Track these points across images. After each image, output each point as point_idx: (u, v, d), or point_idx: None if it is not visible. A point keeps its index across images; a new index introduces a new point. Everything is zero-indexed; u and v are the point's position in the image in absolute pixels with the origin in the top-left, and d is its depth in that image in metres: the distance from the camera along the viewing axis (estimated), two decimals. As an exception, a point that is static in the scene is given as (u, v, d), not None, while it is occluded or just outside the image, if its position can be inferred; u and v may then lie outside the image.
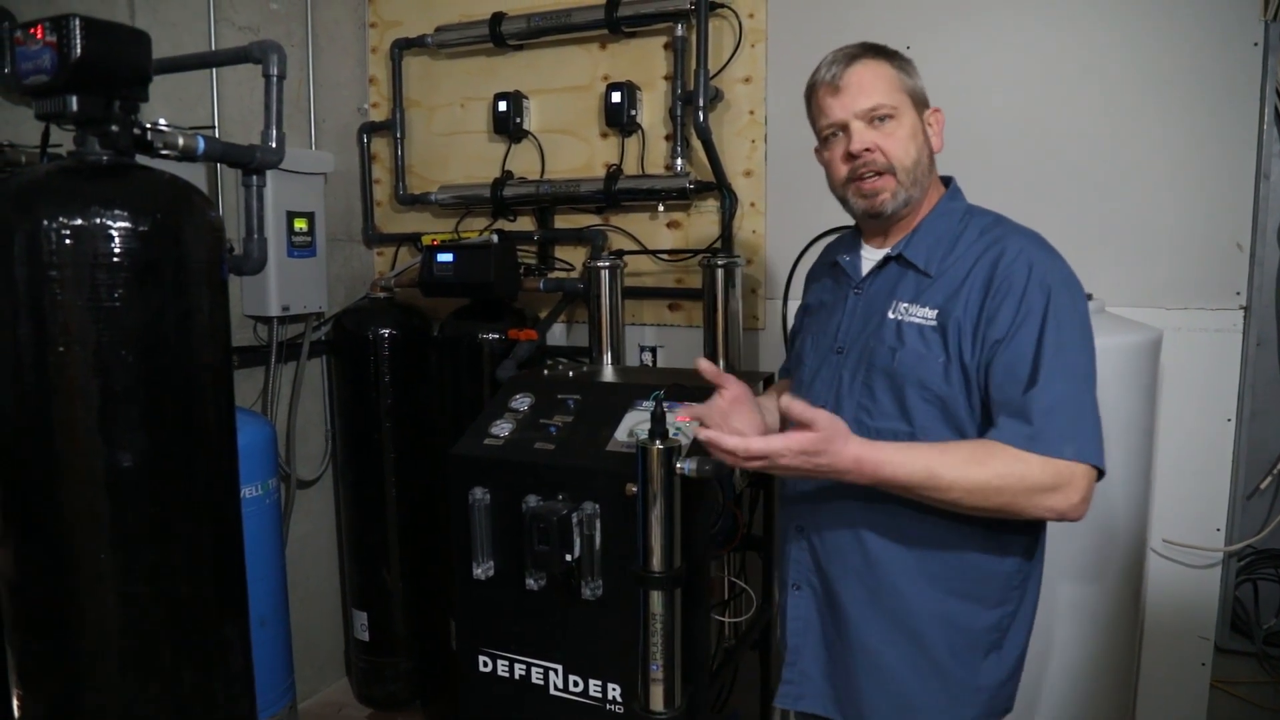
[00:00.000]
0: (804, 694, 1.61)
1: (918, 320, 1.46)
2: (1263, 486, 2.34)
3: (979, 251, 1.46)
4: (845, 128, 1.50)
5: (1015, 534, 1.47)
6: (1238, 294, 2.24)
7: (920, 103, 1.53)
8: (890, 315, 1.49)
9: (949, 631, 1.47)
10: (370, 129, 3.34)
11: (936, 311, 1.45)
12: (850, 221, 1.69)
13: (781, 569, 1.68)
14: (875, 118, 1.48)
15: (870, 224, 1.59)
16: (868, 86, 1.47)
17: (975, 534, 1.45)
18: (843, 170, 1.53)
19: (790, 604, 1.62)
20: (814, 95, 1.54)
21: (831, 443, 1.32)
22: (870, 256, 1.60)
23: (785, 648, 1.63)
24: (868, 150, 1.48)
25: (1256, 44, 2.17)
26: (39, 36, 1.49)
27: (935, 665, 1.48)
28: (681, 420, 1.85)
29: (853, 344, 1.54)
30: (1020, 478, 1.32)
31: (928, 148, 1.53)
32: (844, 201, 1.58)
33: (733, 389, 1.60)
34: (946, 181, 1.61)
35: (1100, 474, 1.36)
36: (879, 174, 1.49)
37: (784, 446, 1.33)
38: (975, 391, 1.42)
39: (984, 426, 1.42)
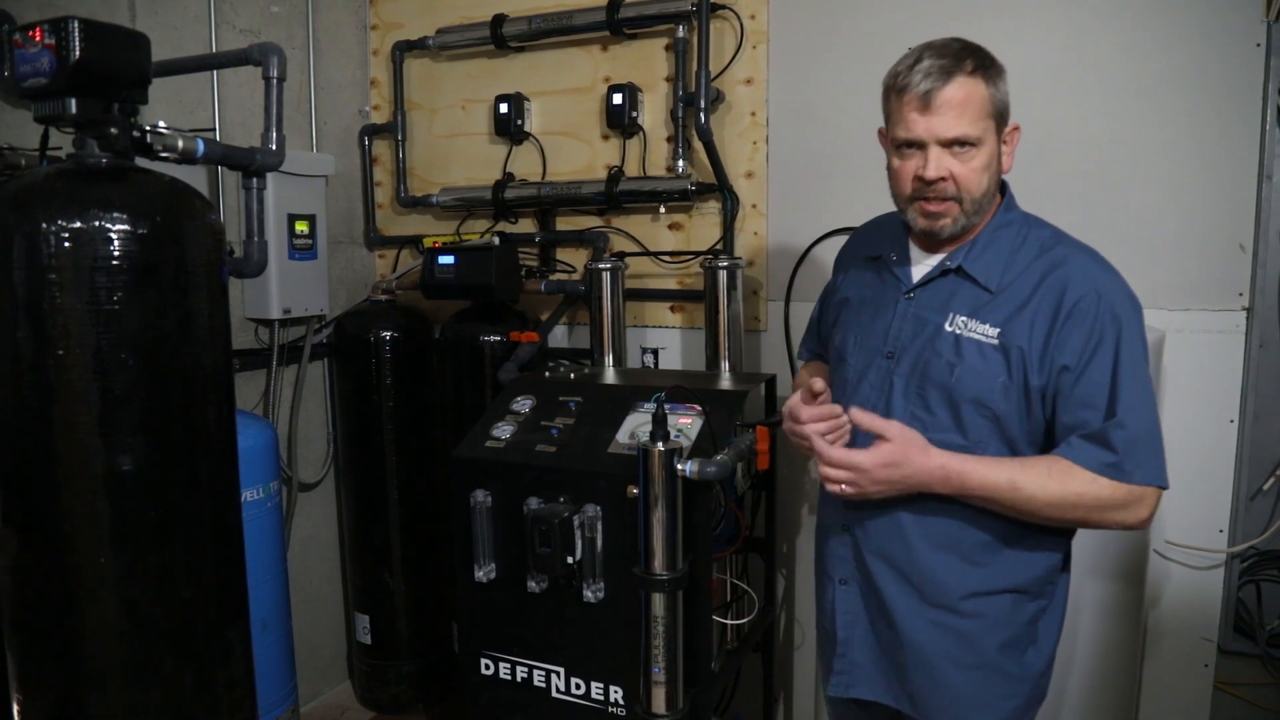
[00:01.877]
0: (854, 682, 1.64)
1: (978, 337, 1.46)
2: (1265, 488, 2.33)
3: (1042, 271, 1.46)
4: (922, 146, 1.45)
5: (1051, 533, 1.51)
6: (1240, 295, 2.24)
7: (1003, 121, 1.48)
8: (947, 328, 1.48)
9: (995, 627, 1.51)
10: (371, 131, 3.33)
11: (999, 331, 1.45)
12: (856, 221, 1.67)
13: (822, 562, 1.70)
14: (956, 144, 1.43)
15: (926, 238, 1.56)
16: (957, 113, 1.41)
17: (1018, 531, 1.49)
18: (909, 187, 1.48)
19: (839, 598, 1.64)
20: (898, 98, 1.46)
21: (910, 453, 1.39)
22: (921, 260, 1.57)
23: (834, 640, 1.65)
24: (942, 179, 1.44)
25: (1259, 45, 2.17)
26: (37, 39, 1.49)
27: (983, 660, 1.52)
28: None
29: (904, 351, 1.53)
30: (1095, 498, 1.39)
31: (998, 172, 1.49)
32: (901, 210, 1.54)
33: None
34: (1002, 187, 1.57)
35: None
36: (945, 200, 1.46)
37: (869, 460, 1.40)
38: (1035, 412, 1.45)
39: (1045, 445, 1.47)
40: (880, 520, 1.55)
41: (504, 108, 2.99)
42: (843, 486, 1.44)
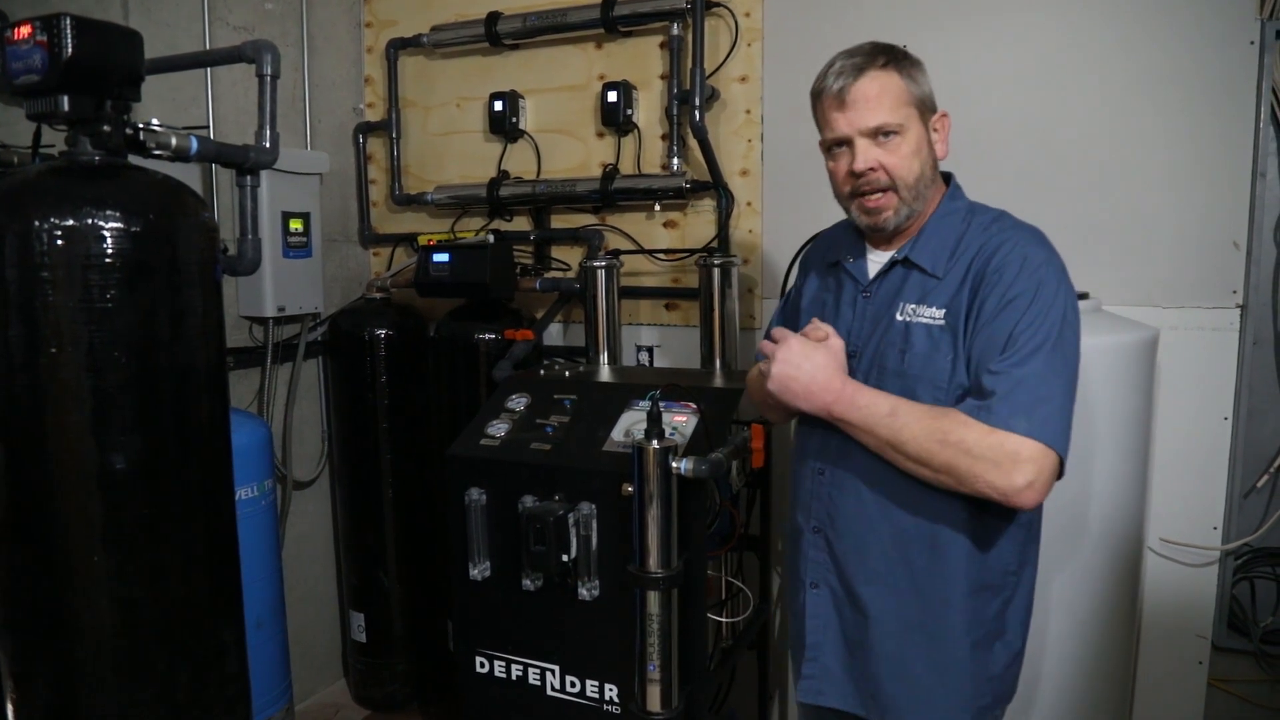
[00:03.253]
0: (824, 690, 1.63)
1: (925, 320, 1.48)
2: (1259, 485, 2.34)
3: (979, 246, 1.48)
4: (849, 143, 1.49)
5: (1012, 520, 1.50)
6: (1234, 292, 2.24)
7: (927, 110, 1.52)
8: (898, 317, 1.51)
9: (968, 624, 1.50)
10: (366, 129, 3.33)
11: (944, 311, 1.47)
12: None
13: (794, 567, 1.69)
14: (880, 134, 1.47)
15: (874, 234, 1.60)
16: (874, 103, 1.46)
17: (988, 528, 1.48)
18: (846, 186, 1.54)
19: (809, 602, 1.63)
20: (819, 102, 1.53)
21: (829, 359, 1.48)
22: (876, 260, 1.60)
23: (803, 644, 1.64)
24: (871, 169, 1.48)
25: (1253, 42, 2.17)
26: (29, 36, 1.49)
27: (955, 659, 1.51)
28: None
29: (864, 347, 1.55)
30: (961, 440, 1.35)
31: (931, 158, 1.52)
32: (846, 210, 1.59)
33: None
34: (946, 178, 1.60)
35: (1061, 462, 1.37)
36: (882, 191, 1.49)
37: (794, 337, 1.51)
38: None
39: None
40: (852, 518, 1.55)
41: (499, 105, 2.99)
42: (761, 366, 1.56)
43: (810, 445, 1.62)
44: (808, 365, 1.47)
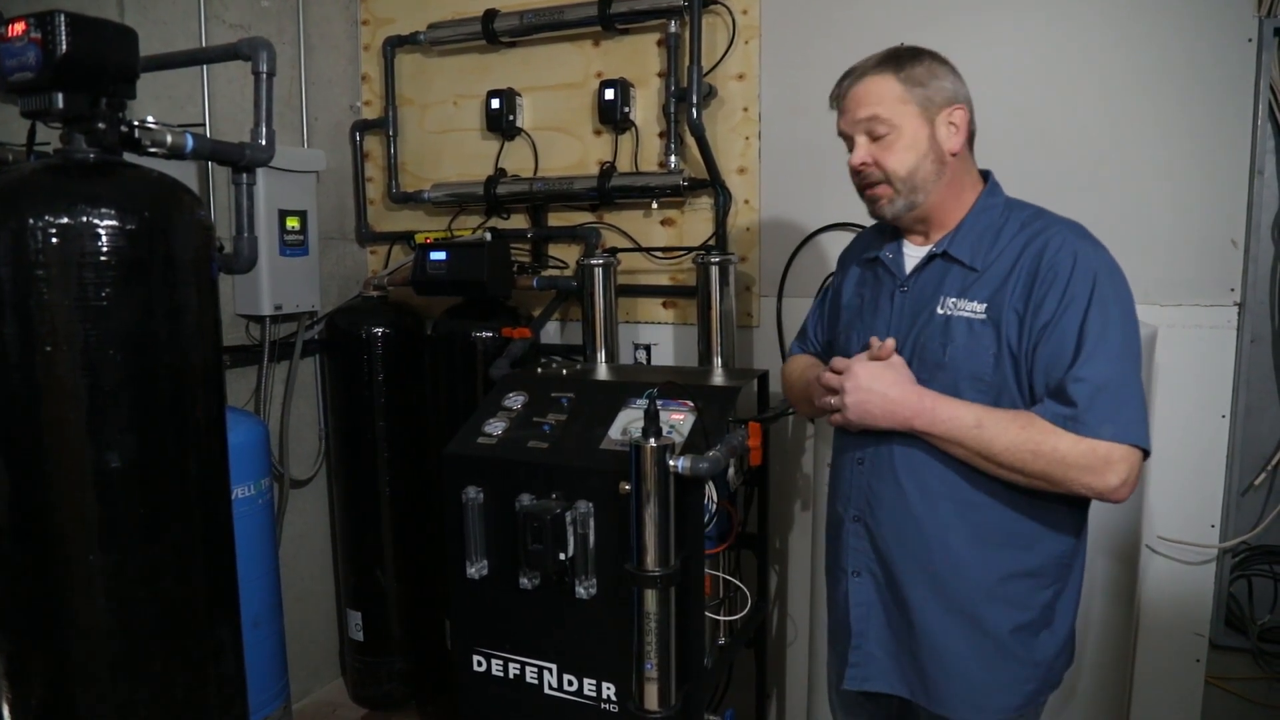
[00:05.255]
0: (870, 675, 1.65)
1: (967, 314, 1.51)
2: (1257, 483, 2.34)
3: (1024, 243, 1.50)
4: (852, 140, 1.58)
5: (1067, 514, 1.53)
6: (1232, 290, 2.24)
7: (932, 106, 1.54)
8: (939, 311, 1.54)
9: (1010, 611, 1.52)
10: (363, 127, 3.32)
11: (985, 305, 1.49)
12: (849, 216, 1.70)
13: (835, 557, 1.71)
14: (872, 132, 1.54)
15: (899, 223, 1.63)
16: (863, 104, 1.54)
17: (1033, 514, 1.51)
18: (853, 180, 1.62)
19: (853, 590, 1.65)
20: (834, 109, 1.63)
21: (899, 376, 1.50)
22: (913, 254, 1.64)
23: (848, 632, 1.66)
24: (864, 164, 1.56)
25: (1251, 40, 2.17)
26: (23, 33, 1.48)
27: (999, 646, 1.53)
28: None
29: (903, 341, 1.58)
30: (1054, 450, 1.39)
31: (933, 153, 1.54)
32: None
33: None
34: (985, 176, 1.64)
35: (1145, 454, 1.41)
36: (877, 184, 1.57)
37: (859, 365, 1.53)
38: (1025, 378, 1.47)
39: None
40: (891, 506, 1.58)
41: (496, 103, 2.99)
42: (831, 399, 1.58)
43: (849, 436, 1.65)
44: (879, 387, 1.51)
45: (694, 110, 2.61)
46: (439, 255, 2.79)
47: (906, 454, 1.54)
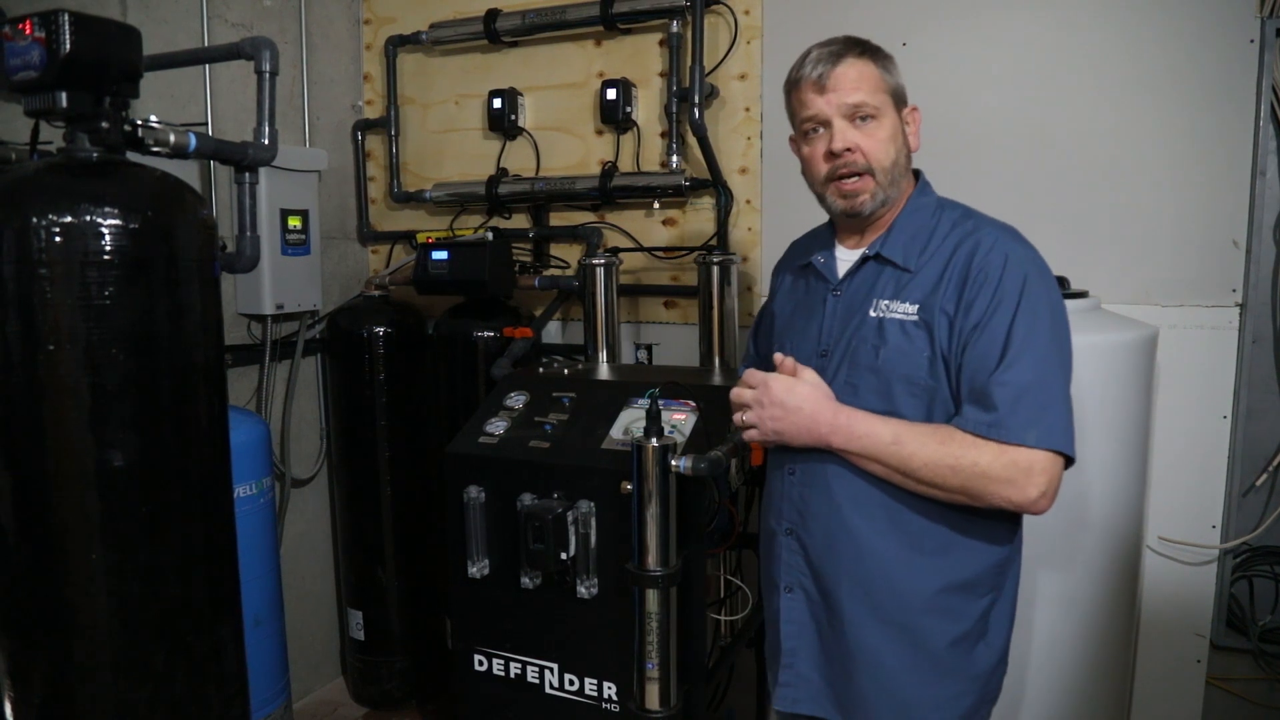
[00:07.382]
0: (799, 698, 1.60)
1: (899, 316, 1.47)
2: (1258, 483, 2.34)
3: (955, 243, 1.47)
4: (828, 124, 1.50)
5: (1000, 522, 1.49)
6: (1233, 291, 2.24)
7: (900, 102, 1.53)
8: (872, 313, 1.50)
9: (946, 623, 1.48)
10: (365, 126, 3.32)
11: (918, 306, 1.46)
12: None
13: (769, 570, 1.67)
14: (858, 117, 1.48)
15: (847, 223, 1.59)
16: (853, 85, 1.47)
17: (966, 525, 1.46)
18: (823, 168, 1.53)
19: (784, 606, 1.61)
20: (795, 90, 1.54)
21: (815, 392, 1.45)
22: (845, 257, 1.60)
23: (779, 650, 1.63)
24: (849, 150, 1.48)
25: (1253, 41, 2.17)
26: (27, 32, 1.48)
27: (934, 660, 1.49)
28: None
29: (835, 345, 1.54)
30: (974, 464, 1.35)
31: (905, 148, 1.53)
32: (821, 199, 1.58)
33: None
34: (915, 175, 1.61)
35: (1069, 461, 1.38)
36: (858, 175, 1.49)
37: (774, 379, 1.47)
38: (954, 380, 1.44)
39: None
40: (824, 518, 1.53)
41: (497, 103, 2.99)
42: (744, 416, 1.52)
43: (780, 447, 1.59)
44: (793, 402, 1.46)
45: (696, 110, 2.61)
46: (441, 255, 2.79)
47: (839, 464, 1.48)
